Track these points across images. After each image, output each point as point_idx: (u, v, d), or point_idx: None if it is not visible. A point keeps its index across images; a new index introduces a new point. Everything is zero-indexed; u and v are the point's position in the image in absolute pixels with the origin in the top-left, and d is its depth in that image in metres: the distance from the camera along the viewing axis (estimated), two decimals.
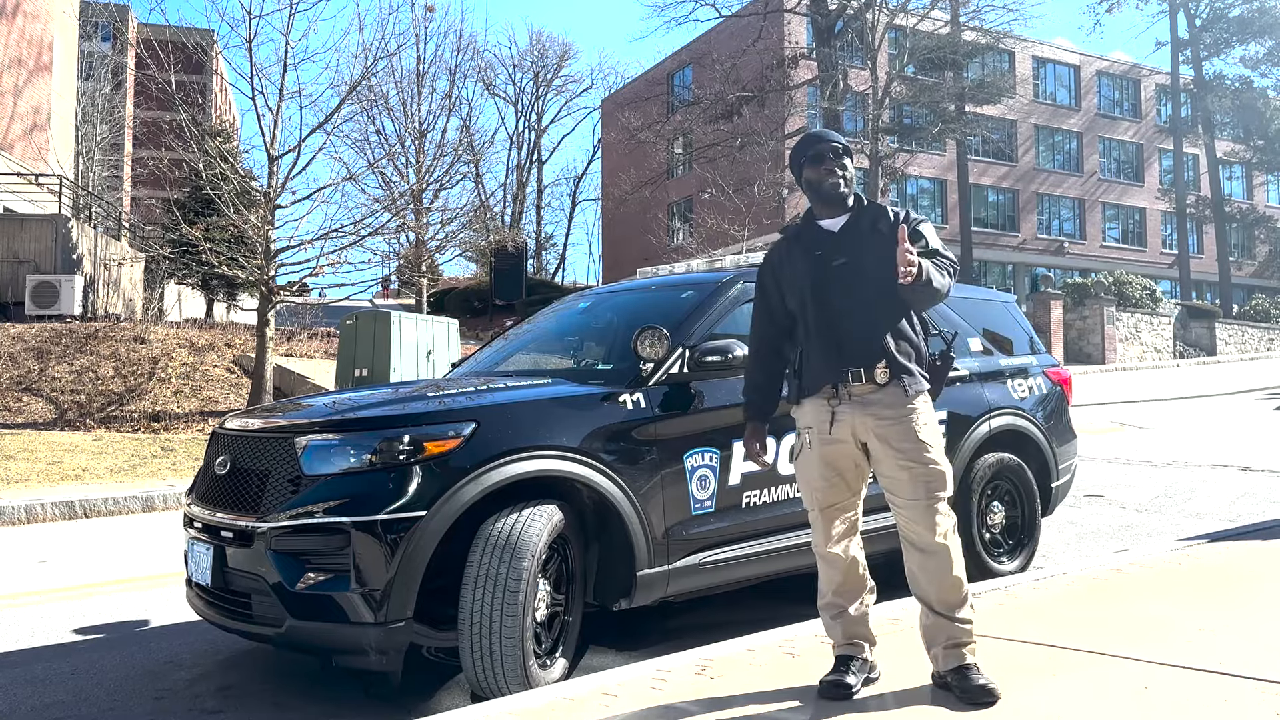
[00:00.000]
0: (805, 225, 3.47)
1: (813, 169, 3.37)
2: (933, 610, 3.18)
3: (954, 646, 3.16)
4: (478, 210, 25.87)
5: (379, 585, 3.47)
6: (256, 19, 14.46)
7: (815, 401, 3.30)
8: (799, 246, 3.41)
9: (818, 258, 3.32)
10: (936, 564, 3.15)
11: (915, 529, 3.17)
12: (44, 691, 4.11)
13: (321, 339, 20.13)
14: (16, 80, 24.44)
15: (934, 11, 32.07)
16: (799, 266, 3.36)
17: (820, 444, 3.28)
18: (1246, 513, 7.40)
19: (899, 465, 3.17)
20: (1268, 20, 42.76)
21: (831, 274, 3.28)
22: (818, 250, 3.33)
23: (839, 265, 3.27)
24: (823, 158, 3.35)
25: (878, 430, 3.19)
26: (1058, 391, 6.02)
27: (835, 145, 3.37)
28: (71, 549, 7.53)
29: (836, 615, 3.32)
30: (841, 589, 3.32)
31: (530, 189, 58.88)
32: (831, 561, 3.31)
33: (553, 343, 5.57)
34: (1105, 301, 30.31)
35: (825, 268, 3.29)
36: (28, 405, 14.41)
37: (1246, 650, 3.59)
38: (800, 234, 3.46)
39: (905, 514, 3.19)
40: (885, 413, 3.19)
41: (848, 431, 3.24)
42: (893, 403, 3.20)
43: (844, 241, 3.31)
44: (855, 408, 3.22)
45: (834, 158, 3.35)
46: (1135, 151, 50.64)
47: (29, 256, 19.79)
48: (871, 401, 3.21)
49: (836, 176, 3.33)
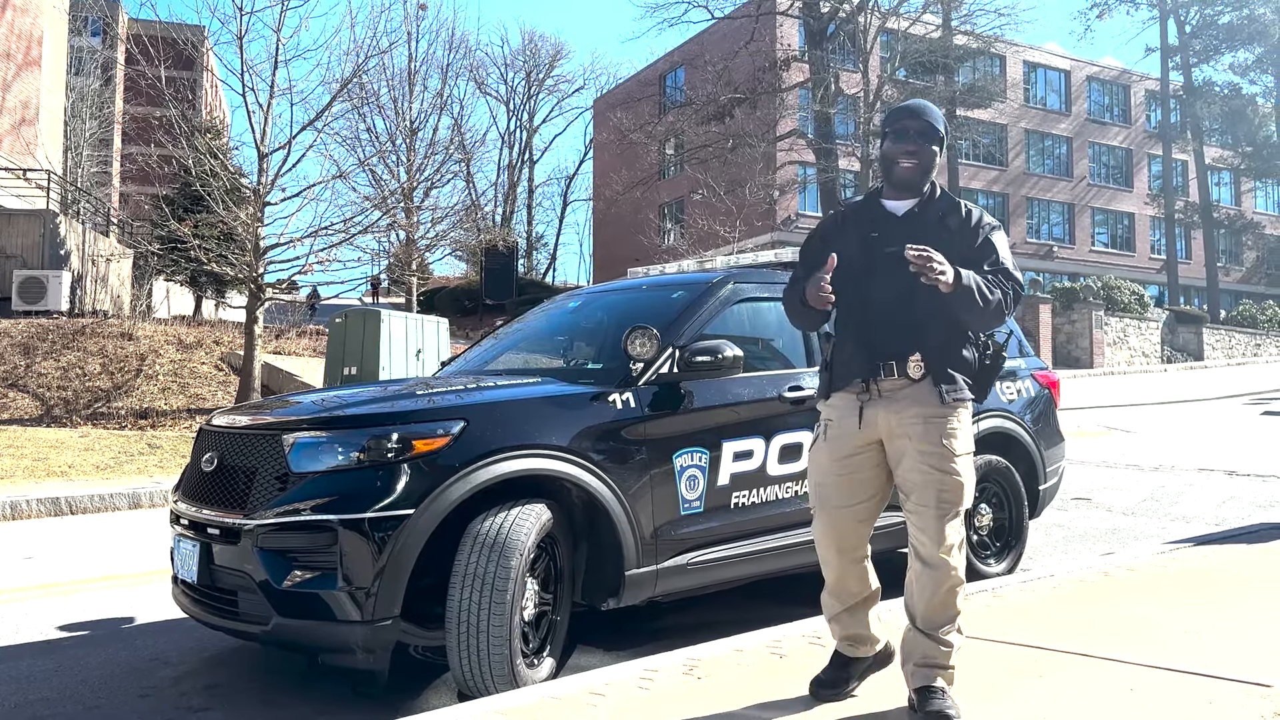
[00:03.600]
0: (868, 202, 3.22)
1: (892, 143, 3.10)
2: (915, 625, 3.03)
3: (926, 665, 2.98)
4: (468, 209, 25.78)
5: (366, 583, 3.45)
6: (248, 15, 14.37)
7: (844, 396, 3.10)
8: (855, 224, 3.16)
9: (872, 240, 3.07)
10: (932, 578, 2.97)
11: (921, 538, 2.99)
12: (28, 689, 4.08)
13: (310, 337, 20.06)
14: (5, 74, 24.30)
15: (926, 15, 32.22)
16: (850, 247, 3.09)
17: (838, 436, 3.09)
18: (1232, 517, 7.44)
19: (918, 467, 2.97)
20: (1256, 27, 43.04)
21: (881, 261, 3.03)
22: (874, 232, 3.08)
23: (891, 253, 2.99)
24: (905, 135, 3.08)
25: (902, 429, 3.00)
26: (1046, 395, 6.04)
27: (924, 126, 3.07)
28: (57, 546, 7.48)
29: (832, 616, 3.21)
30: (837, 590, 3.18)
31: (521, 189, 58.90)
32: (827, 561, 3.17)
33: (543, 342, 5.56)
34: (1094, 306, 30.45)
35: (876, 253, 3.05)
36: (13, 401, 14.32)
37: (1232, 652, 3.61)
38: (860, 211, 3.20)
39: (914, 519, 3.01)
40: (914, 410, 2.99)
41: (873, 429, 3.04)
42: (924, 400, 2.99)
43: (904, 228, 3.05)
44: (884, 404, 3.02)
45: (919, 138, 3.07)
46: (1125, 157, 50.88)
47: (16, 251, 19.66)
48: (902, 398, 3.01)
49: (914, 160, 3.07)
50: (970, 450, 3.07)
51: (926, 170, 3.09)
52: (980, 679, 3.31)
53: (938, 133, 3.10)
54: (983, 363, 3.10)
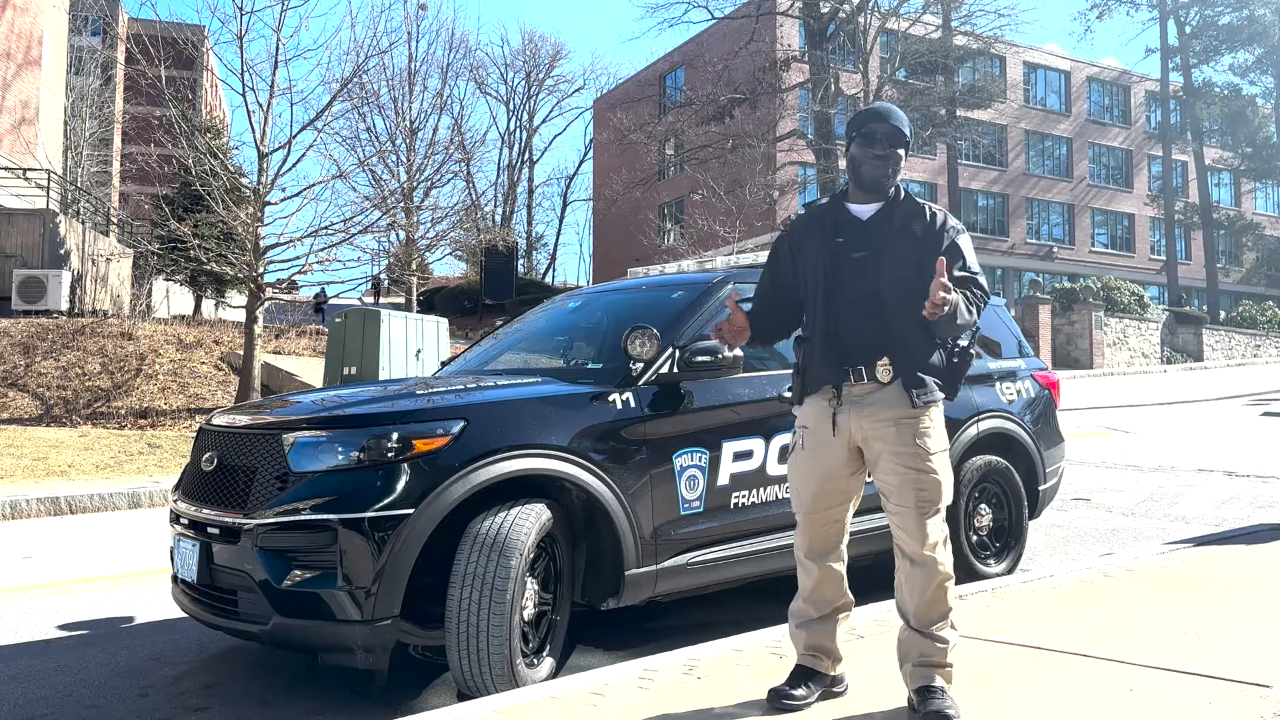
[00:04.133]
0: (833, 206, 3.22)
1: (860, 147, 3.13)
2: (909, 624, 3.04)
3: (924, 665, 2.99)
4: (468, 209, 25.81)
5: (366, 583, 3.45)
6: (248, 15, 14.41)
7: (816, 401, 3.14)
8: (818, 230, 3.18)
9: (837, 245, 3.10)
10: (921, 576, 3.00)
11: (904, 537, 3.03)
12: (28, 688, 4.08)
13: (310, 337, 20.06)
14: (5, 74, 24.29)
15: (926, 16, 32.22)
16: (816, 252, 3.14)
17: (815, 445, 3.13)
18: (1232, 517, 7.44)
19: (894, 469, 3.01)
20: (1256, 28, 43.04)
21: (847, 265, 3.07)
22: (839, 237, 3.11)
23: (857, 258, 3.06)
24: (873, 139, 3.10)
25: (875, 432, 3.04)
26: (1045, 395, 6.04)
27: (891, 130, 3.09)
28: (56, 545, 7.48)
29: (801, 623, 3.19)
30: (812, 596, 3.19)
31: (521, 188, 58.95)
32: (807, 568, 3.19)
33: (543, 342, 5.57)
34: (1093, 307, 30.45)
35: (843, 258, 3.08)
36: (13, 401, 14.32)
37: (1231, 653, 3.61)
38: (825, 215, 3.20)
39: (896, 520, 3.05)
40: (885, 414, 3.03)
41: (846, 435, 3.08)
42: (894, 404, 3.03)
43: (869, 232, 3.09)
44: (855, 408, 3.06)
45: (886, 142, 3.09)
46: (1124, 157, 50.91)
47: (16, 251, 19.66)
48: (871, 402, 3.04)
49: (881, 163, 3.09)
50: (945, 448, 3.11)
51: (893, 173, 3.13)
52: (980, 679, 3.31)
53: (904, 136, 3.13)
54: (950, 362, 3.15)
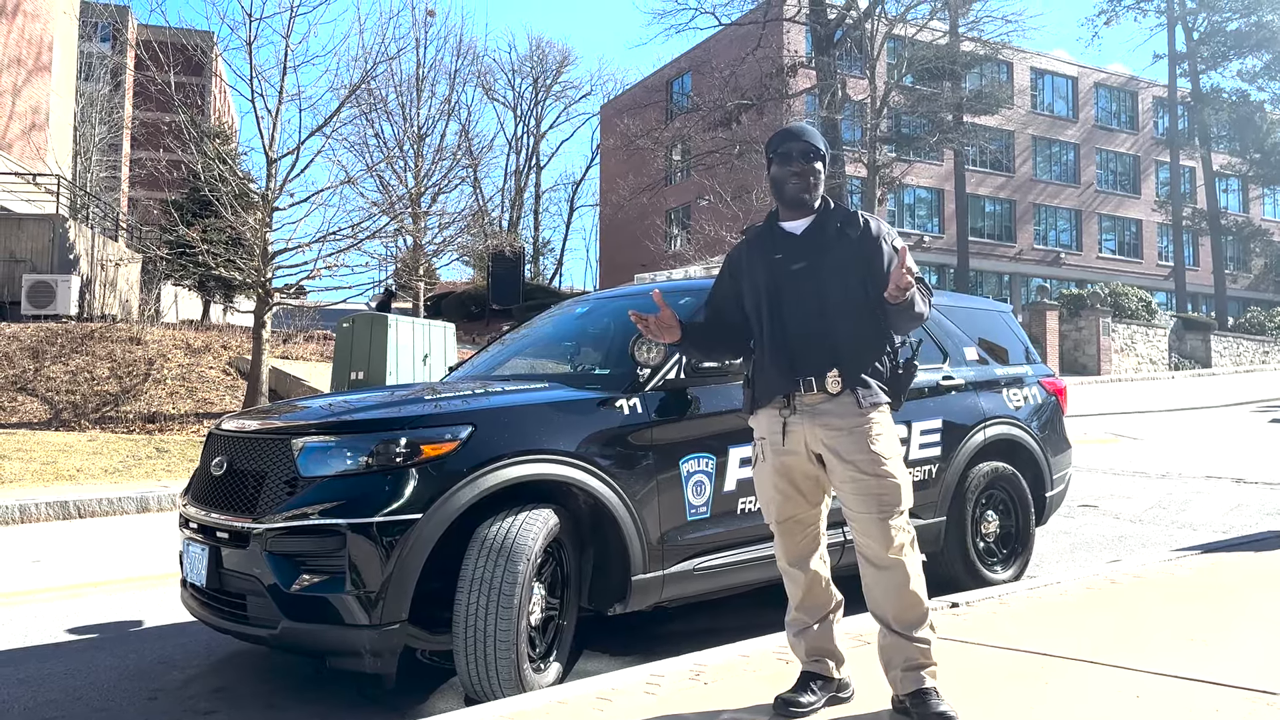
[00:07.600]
0: (767, 226, 3.33)
1: (779, 167, 3.22)
2: (890, 629, 3.06)
3: (912, 668, 3.02)
4: (475, 215, 25.88)
5: (374, 587, 3.47)
6: (257, 21, 14.47)
7: (767, 412, 3.19)
8: (758, 249, 3.27)
9: (776, 261, 3.19)
10: (891, 580, 3.03)
11: (868, 543, 3.04)
12: (37, 691, 4.10)
13: (318, 341, 20.11)
14: (15, 80, 24.44)
15: (933, 22, 32.21)
16: (757, 271, 3.23)
17: (773, 455, 3.17)
18: (1240, 524, 7.42)
19: (850, 477, 3.04)
20: (1265, 34, 42.90)
21: (788, 279, 3.16)
22: (777, 254, 3.20)
23: (797, 270, 3.15)
24: (790, 158, 3.19)
25: (828, 441, 3.07)
26: (1053, 401, 6.04)
27: (805, 146, 3.19)
28: (65, 549, 7.51)
29: (799, 631, 3.21)
30: (804, 604, 3.21)
31: (528, 194, 59.11)
32: (793, 577, 3.22)
33: (550, 347, 5.58)
34: (1101, 313, 30.36)
35: (783, 272, 3.17)
36: (22, 405, 14.38)
37: (1238, 660, 3.61)
38: (762, 235, 3.31)
39: (858, 527, 3.07)
40: (837, 423, 3.06)
41: (800, 443, 3.12)
42: (845, 413, 3.06)
43: (805, 245, 3.18)
44: (806, 418, 3.10)
45: (802, 159, 3.18)
46: (1132, 163, 50.80)
47: (25, 256, 19.76)
48: (823, 412, 3.08)
49: (802, 179, 3.18)
50: (899, 453, 3.15)
51: (815, 186, 3.20)
52: (986, 685, 3.31)
53: (819, 151, 3.20)
54: (895, 373, 3.19)
